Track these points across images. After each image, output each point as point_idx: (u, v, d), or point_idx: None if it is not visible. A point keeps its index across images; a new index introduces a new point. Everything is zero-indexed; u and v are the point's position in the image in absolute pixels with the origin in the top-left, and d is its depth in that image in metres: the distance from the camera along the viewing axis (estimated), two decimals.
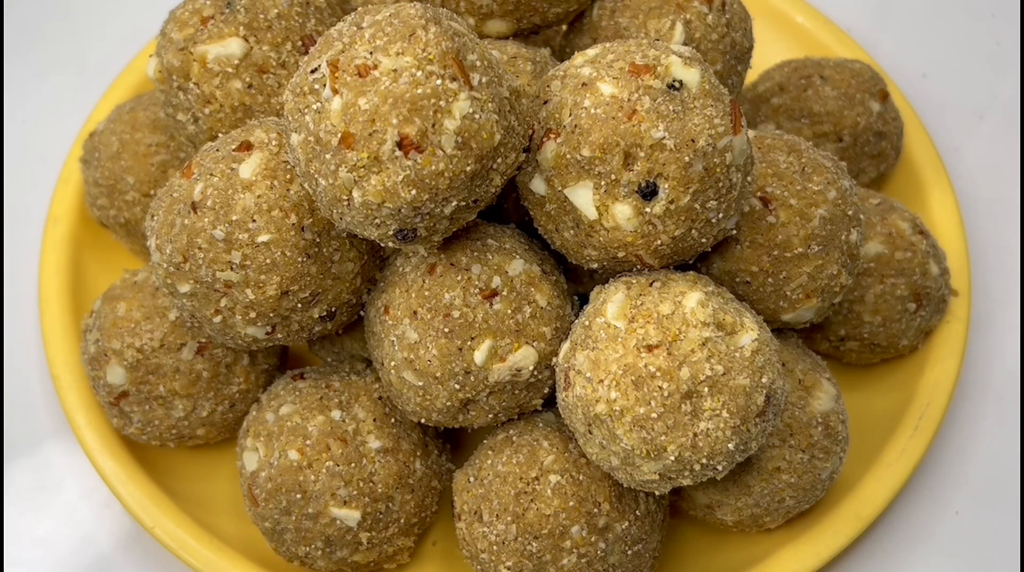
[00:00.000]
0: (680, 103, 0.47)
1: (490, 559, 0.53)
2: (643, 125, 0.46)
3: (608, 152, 0.47)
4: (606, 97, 0.47)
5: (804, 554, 0.57)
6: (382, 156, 0.44)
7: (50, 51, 0.86)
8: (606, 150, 0.47)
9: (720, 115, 0.47)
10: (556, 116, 0.48)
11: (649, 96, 0.47)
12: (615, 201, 0.48)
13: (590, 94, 0.48)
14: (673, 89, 0.47)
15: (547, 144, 0.48)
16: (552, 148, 0.48)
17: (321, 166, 0.45)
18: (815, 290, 0.55)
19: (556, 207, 0.50)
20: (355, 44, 0.45)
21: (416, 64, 0.44)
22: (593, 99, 0.47)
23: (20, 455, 0.66)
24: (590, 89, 0.48)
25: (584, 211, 0.49)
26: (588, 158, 0.47)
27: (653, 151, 0.47)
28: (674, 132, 0.46)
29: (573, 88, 0.48)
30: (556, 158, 0.48)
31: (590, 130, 0.47)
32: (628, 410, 0.47)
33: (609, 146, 0.47)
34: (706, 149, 0.47)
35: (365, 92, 0.44)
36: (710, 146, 0.47)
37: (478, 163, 0.45)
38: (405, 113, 0.44)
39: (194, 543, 0.58)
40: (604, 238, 0.49)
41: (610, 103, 0.47)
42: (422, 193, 0.45)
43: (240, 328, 0.52)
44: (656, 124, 0.46)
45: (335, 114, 0.44)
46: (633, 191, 0.47)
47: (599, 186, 0.48)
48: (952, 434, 0.66)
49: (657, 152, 0.47)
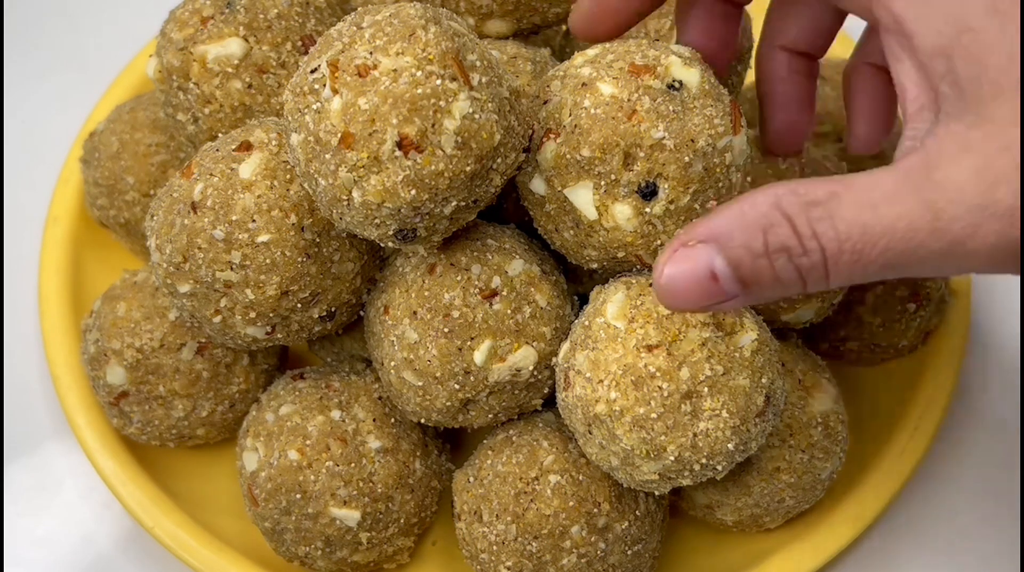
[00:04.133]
0: (680, 103, 0.47)
1: (490, 559, 0.53)
2: (643, 125, 0.46)
3: (608, 152, 0.47)
4: (606, 97, 0.47)
5: (804, 554, 0.57)
6: (382, 156, 0.44)
7: (50, 51, 0.86)
8: (606, 150, 0.47)
9: (720, 115, 0.47)
10: (556, 116, 0.48)
11: (649, 96, 0.47)
12: (615, 201, 0.48)
13: (590, 94, 0.47)
14: (673, 89, 0.47)
15: (547, 144, 0.48)
16: (552, 148, 0.48)
17: (321, 166, 0.45)
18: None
19: (556, 207, 0.50)
20: (355, 44, 0.45)
21: (416, 64, 0.44)
22: (593, 99, 0.47)
23: (20, 455, 0.66)
24: (590, 89, 0.48)
25: (584, 211, 0.49)
26: (588, 158, 0.47)
27: (653, 151, 0.47)
28: (674, 132, 0.46)
29: (573, 88, 0.48)
30: (556, 158, 0.48)
31: (590, 130, 0.47)
32: (628, 410, 0.47)
33: (609, 146, 0.47)
34: (706, 149, 0.47)
35: (365, 92, 0.44)
36: (710, 146, 0.47)
37: (478, 163, 0.45)
38: (405, 113, 0.44)
39: (194, 543, 0.58)
40: (604, 238, 0.49)
41: (610, 103, 0.47)
42: (422, 193, 0.45)
43: (240, 328, 0.52)
44: (656, 124, 0.46)
45: (335, 114, 0.44)
46: (633, 191, 0.47)
47: (599, 186, 0.48)
48: (952, 434, 0.66)
49: (657, 152, 0.47)
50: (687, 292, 0.42)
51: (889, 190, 0.38)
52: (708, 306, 0.42)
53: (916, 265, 0.38)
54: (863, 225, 0.38)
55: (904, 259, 0.38)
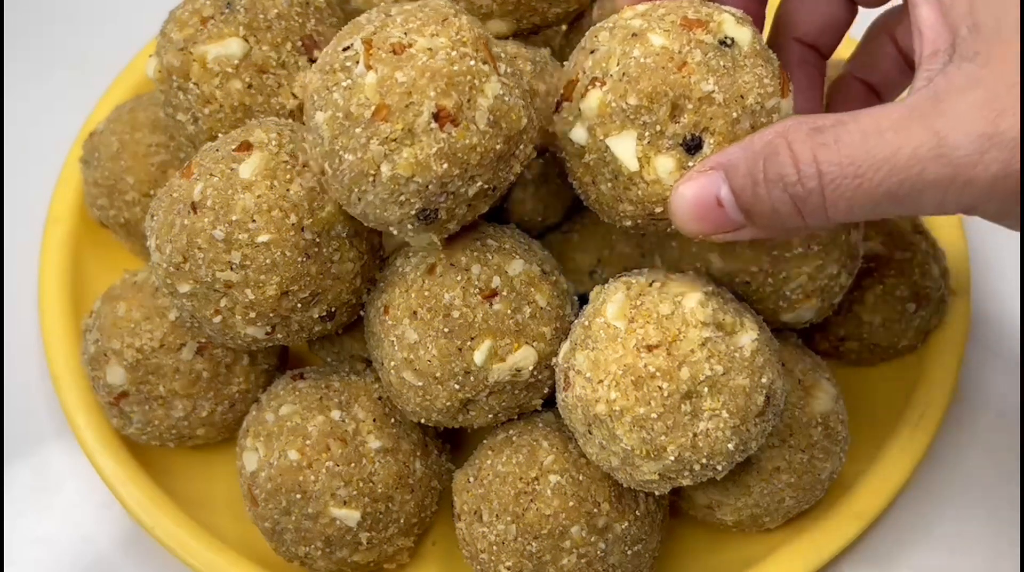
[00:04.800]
0: (731, 60, 0.46)
1: (490, 559, 0.53)
2: (693, 77, 0.46)
3: (655, 102, 0.46)
4: (656, 47, 0.46)
5: (804, 554, 0.57)
6: (416, 128, 0.45)
7: (50, 50, 0.86)
8: (653, 99, 0.46)
9: (769, 76, 0.47)
10: (603, 65, 0.47)
11: (700, 50, 0.46)
12: (657, 153, 0.47)
13: (640, 44, 0.46)
14: (724, 45, 0.46)
15: (592, 92, 0.47)
16: (597, 96, 0.47)
17: (349, 141, 0.46)
18: (815, 290, 0.55)
19: (596, 158, 0.48)
20: (387, 27, 0.46)
21: (451, 45, 0.45)
22: (643, 49, 0.46)
23: (20, 455, 0.66)
24: (640, 39, 0.47)
25: (625, 162, 0.47)
26: (634, 107, 0.46)
27: (701, 104, 0.46)
28: (724, 87, 0.46)
29: (623, 38, 0.47)
30: (601, 106, 0.47)
31: (639, 78, 0.46)
32: (628, 410, 0.47)
33: (657, 95, 0.46)
34: (754, 107, 0.46)
35: (402, 67, 0.45)
36: (758, 105, 0.46)
37: (506, 144, 0.46)
38: (443, 86, 0.45)
39: (194, 543, 0.58)
40: (643, 192, 0.47)
41: (660, 53, 0.46)
42: (453, 167, 0.45)
43: (240, 328, 0.52)
44: (706, 77, 0.46)
45: (370, 87, 0.45)
46: (677, 144, 0.46)
47: (642, 137, 0.46)
48: (952, 434, 0.66)
49: (705, 105, 0.46)
50: (695, 215, 0.44)
51: (895, 119, 0.38)
52: (718, 232, 0.43)
53: (916, 196, 0.38)
54: (867, 150, 0.38)
55: (906, 188, 0.38)
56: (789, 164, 0.40)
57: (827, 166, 0.39)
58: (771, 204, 0.41)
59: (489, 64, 0.46)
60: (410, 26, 0.46)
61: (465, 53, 0.45)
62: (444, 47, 0.45)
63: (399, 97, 0.44)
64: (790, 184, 0.40)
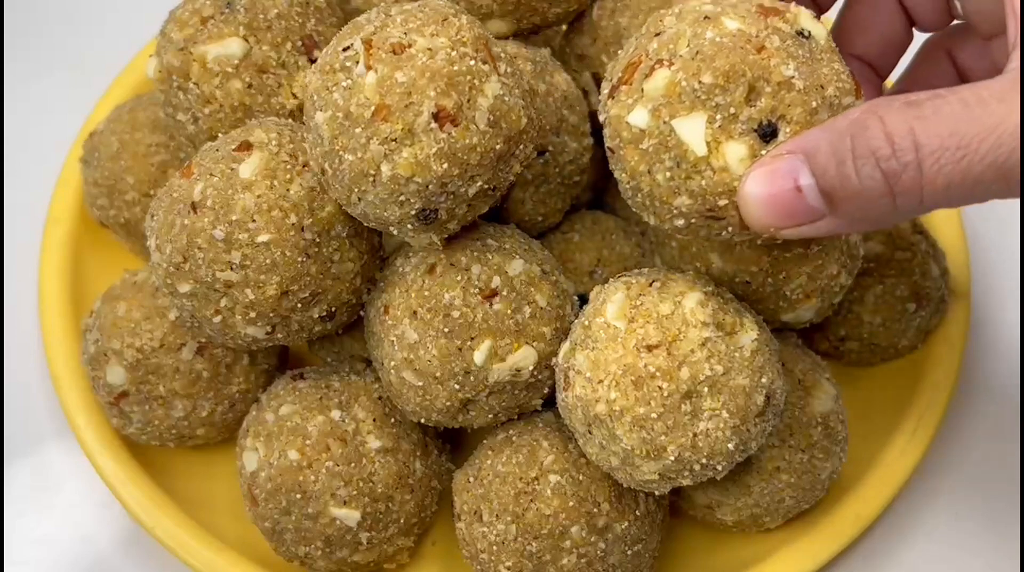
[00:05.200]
0: (808, 51, 0.44)
1: (490, 559, 0.53)
2: (773, 60, 0.43)
3: (732, 81, 0.43)
4: (732, 30, 0.44)
5: (804, 554, 0.57)
6: (416, 128, 0.45)
7: (50, 50, 0.86)
8: (730, 79, 0.43)
9: (846, 74, 0.45)
10: (670, 47, 0.44)
11: (779, 36, 0.44)
12: (729, 138, 0.43)
13: (713, 26, 0.44)
14: (802, 36, 0.45)
15: (658, 72, 0.44)
16: (665, 75, 0.44)
17: (349, 141, 0.46)
18: (815, 290, 0.55)
19: (656, 143, 0.44)
20: (387, 27, 0.46)
21: (451, 45, 0.45)
22: (717, 30, 0.44)
23: (20, 455, 0.66)
24: (713, 22, 0.44)
25: (692, 145, 0.44)
26: (708, 86, 0.43)
27: (780, 89, 0.43)
28: (804, 74, 0.44)
29: (693, 21, 0.44)
30: (668, 86, 0.44)
31: (714, 57, 0.43)
32: (628, 410, 0.47)
33: (734, 74, 0.43)
34: (832, 99, 0.44)
35: (402, 67, 0.45)
36: (836, 99, 0.44)
37: (506, 144, 0.47)
38: (443, 86, 0.45)
39: (194, 543, 0.58)
40: (707, 181, 0.44)
41: (736, 35, 0.43)
42: (453, 167, 0.46)
43: (240, 328, 0.52)
44: (786, 62, 0.43)
45: (370, 87, 0.45)
46: (751, 129, 0.43)
47: (713, 119, 0.43)
48: (952, 434, 0.66)
49: (784, 91, 0.43)
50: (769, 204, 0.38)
51: (998, 90, 0.35)
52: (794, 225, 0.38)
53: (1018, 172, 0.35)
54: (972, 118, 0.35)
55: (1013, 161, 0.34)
56: (881, 138, 0.36)
57: (925, 137, 0.35)
58: (859, 183, 0.36)
59: (489, 64, 0.46)
60: (410, 26, 0.46)
61: (465, 53, 0.46)
62: (444, 47, 0.45)
63: (399, 97, 0.45)
64: (883, 158, 0.36)
